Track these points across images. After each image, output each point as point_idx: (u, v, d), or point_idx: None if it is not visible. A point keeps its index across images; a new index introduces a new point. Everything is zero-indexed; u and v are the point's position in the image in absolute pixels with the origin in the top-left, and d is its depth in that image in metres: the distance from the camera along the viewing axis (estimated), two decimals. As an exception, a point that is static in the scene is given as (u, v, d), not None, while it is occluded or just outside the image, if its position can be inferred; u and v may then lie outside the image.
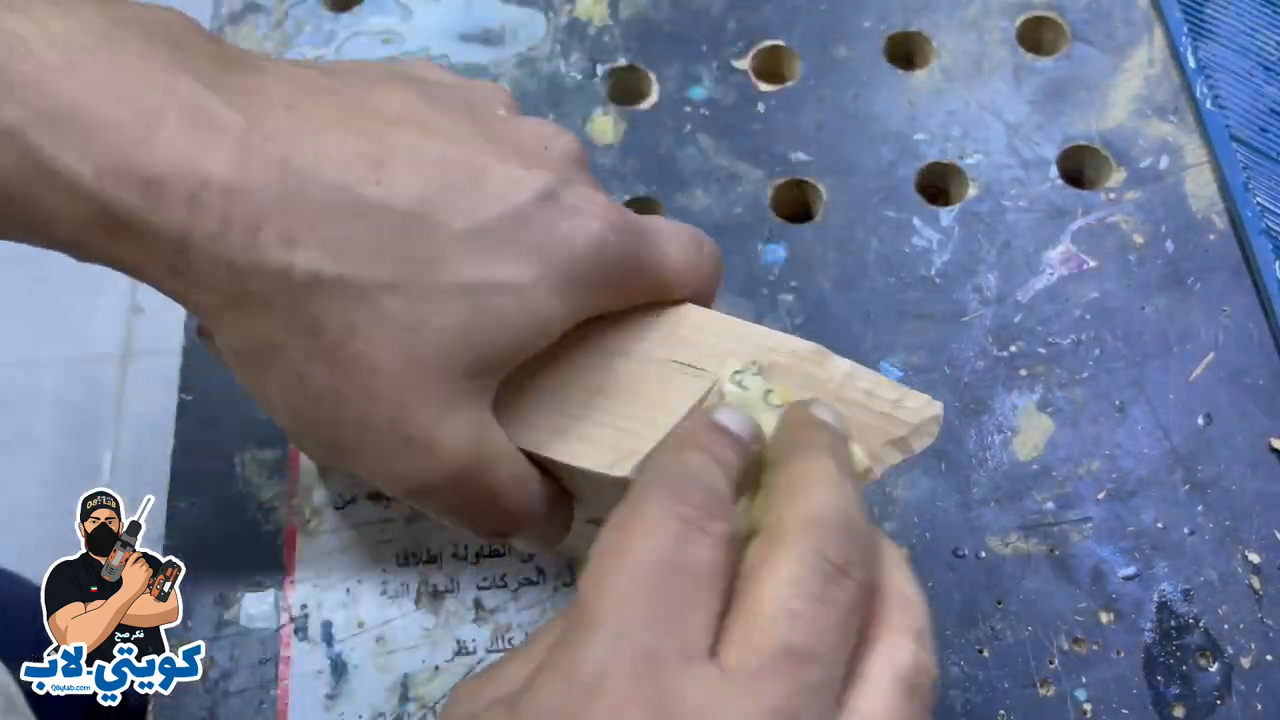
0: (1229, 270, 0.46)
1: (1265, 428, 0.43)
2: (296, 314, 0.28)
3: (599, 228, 0.30)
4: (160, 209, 0.27)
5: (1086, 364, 0.45)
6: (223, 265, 0.27)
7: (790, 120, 0.50)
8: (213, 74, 0.28)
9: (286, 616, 0.41)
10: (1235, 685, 0.39)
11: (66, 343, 1.25)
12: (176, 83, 0.27)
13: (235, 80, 0.28)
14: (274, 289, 0.28)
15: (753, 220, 0.48)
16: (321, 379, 0.29)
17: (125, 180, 0.26)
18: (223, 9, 0.53)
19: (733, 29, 0.52)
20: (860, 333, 0.45)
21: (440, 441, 0.29)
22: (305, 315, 0.28)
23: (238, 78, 0.28)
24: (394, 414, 0.29)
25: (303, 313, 0.28)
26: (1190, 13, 0.51)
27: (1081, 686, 0.39)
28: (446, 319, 0.29)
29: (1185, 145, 0.49)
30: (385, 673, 0.40)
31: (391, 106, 0.30)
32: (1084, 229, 0.47)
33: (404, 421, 0.29)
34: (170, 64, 0.27)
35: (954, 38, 0.52)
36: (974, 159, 0.49)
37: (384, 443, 0.29)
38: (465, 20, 0.53)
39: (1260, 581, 0.41)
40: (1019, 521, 0.42)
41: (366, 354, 0.28)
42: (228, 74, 0.28)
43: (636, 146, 0.49)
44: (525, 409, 0.33)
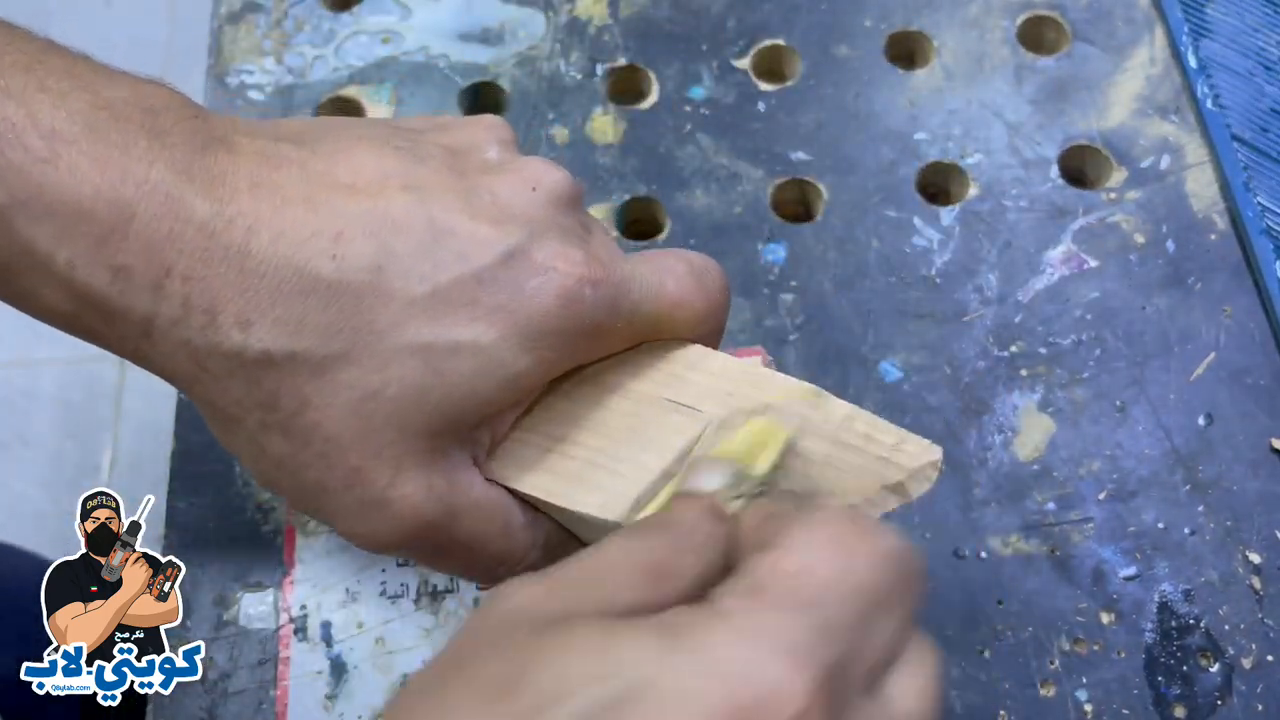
0: (1230, 270, 0.46)
1: (1266, 428, 0.43)
2: (251, 390, 0.29)
3: (571, 285, 0.30)
4: (126, 295, 0.29)
5: (1087, 364, 0.45)
6: (182, 347, 0.29)
7: (790, 120, 0.50)
8: (187, 159, 0.29)
9: (286, 617, 0.41)
10: (1236, 686, 0.39)
11: (66, 343, 1.24)
12: (150, 172, 0.29)
13: (206, 163, 0.29)
14: (230, 368, 0.29)
15: (753, 220, 0.48)
16: (279, 448, 0.30)
17: (96, 268, 0.28)
18: (222, 8, 0.53)
19: (733, 28, 0.52)
20: (860, 333, 0.45)
21: (397, 501, 0.30)
22: (260, 391, 0.29)
23: (210, 159, 0.30)
24: (349, 479, 0.30)
25: (257, 389, 0.29)
26: (1191, 12, 0.51)
27: (1082, 687, 0.39)
28: (402, 384, 0.29)
29: (1186, 145, 0.49)
30: (385, 673, 0.40)
31: (360, 171, 0.31)
32: (1085, 229, 0.47)
33: (360, 485, 0.30)
34: (147, 152, 0.29)
35: (955, 37, 0.52)
36: (975, 158, 0.49)
37: (344, 504, 0.30)
38: (465, 20, 0.53)
39: (1261, 582, 0.41)
40: (1020, 522, 0.42)
41: (321, 424, 0.29)
42: (202, 156, 0.30)
43: (636, 146, 0.49)
44: (516, 449, 0.32)
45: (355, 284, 0.29)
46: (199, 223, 0.29)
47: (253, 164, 0.30)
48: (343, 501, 0.30)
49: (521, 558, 0.32)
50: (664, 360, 0.33)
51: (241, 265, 0.29)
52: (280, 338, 0.29)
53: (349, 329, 0.29)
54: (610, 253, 0.32)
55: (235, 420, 0.30)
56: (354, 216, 0.30)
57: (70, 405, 1.23)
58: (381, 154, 0.31)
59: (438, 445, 0.30)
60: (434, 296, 0.29)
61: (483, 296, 0.30)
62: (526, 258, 0.30)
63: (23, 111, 0.28)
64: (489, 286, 0.30)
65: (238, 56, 0.52)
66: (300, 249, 0.29)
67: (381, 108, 0.50)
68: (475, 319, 0.30)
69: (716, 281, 0.34)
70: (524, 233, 0.31)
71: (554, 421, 0.33)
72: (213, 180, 0.29)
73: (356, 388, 0.29)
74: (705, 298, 0.33)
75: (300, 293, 0.29)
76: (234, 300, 0.29)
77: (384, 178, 0.30)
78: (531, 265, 0.30)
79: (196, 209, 0.29)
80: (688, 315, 0.33)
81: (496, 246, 0.30)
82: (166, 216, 0.29)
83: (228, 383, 0.29)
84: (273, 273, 0.29)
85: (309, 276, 0.29)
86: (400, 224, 0.30)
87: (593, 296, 0.31)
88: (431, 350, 0.29)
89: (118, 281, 0.29)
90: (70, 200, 0.28)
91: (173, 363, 0.30)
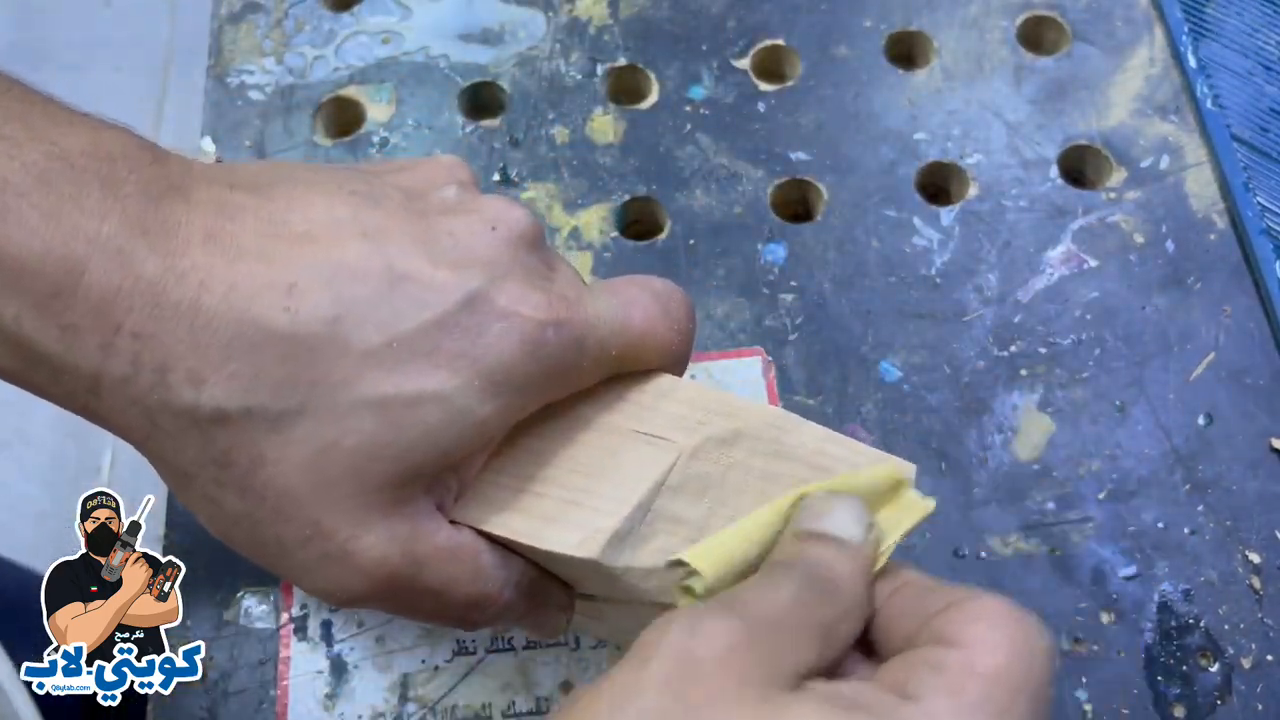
0: (1229, 270, 0.46)
1: (1266, 428, 0.43)
2: (205, 448, 0.29)
3: (533, 330, 0.30)
4: (73, 353, 0.28)
5: (1087, 364, 0.45)
6: (133, 405, 0.29)
7: (790, 120, 0.50)
8: (141, 210, 0.28)
9: (286, 616, 0.41)
10: (1236, 685, 0.39)
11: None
12: (103, 227, 0.28)
13: (161, 215, 0.29)
14: (182, 426, 0.29)
15: (753, 220, 0.48)
16: (235, 505, 0.30)
17: (43, 325, 0.28)
18: (222, 8, 0.53)
19: (733, 28, 0.52)
20: (860, 333, 0.45)
21: (357, 555, 0.30)
22: (214, 449, 0.29)
23: (165, 210, 0.29)
24: (308, 533, 0.29)
25: (211, 446, 0.29)
26: (1191, 12, 0.51)
27: (1082, 686, 0.39)
28: (359, 437, 0.29)
29: (1186, 145, 0.49)
30: (385, 672, 0.40)
31: (315, 218, 0.30)
32: (1084, 229, 0.47)
33: (319, 539, 0.29)
34: (100, 204, 0.28)
35: (954, 37, 0.52)
36: (974, 158, 0.49)
37: (304, 560, 0.30)
38: (465, 20, 0.53)
39: (1261, 581, 0.41)
40: (1020, 522, 0.42)
41: (275, 480, 0.29)
42: (156, 208, 0.29)
43: (636, 146, 0.49)
44: (486, 491, 0.32)
45: (310, 337, 0.28)
46: (150, 279, 0.28)
47: (207, 214, 0.29)
48: (303, 557, 0.30)
49: (496, 599, 0.32)
50: (633, 391, 0.33)
51: (193, 321, 0.28)
52: (234, 394, 0.28)
53: (305, 383, 0.28)
54: (575, 291, 0.31)
55: (189, 477, 0.30)
56: (308, 267, 0.29)
57: (70, 405, 1.23)
58: (336, 199, 0.30)
59: (399, 495, 0.30)
60: (392, 346, 0.29)
61: (444, 344, 0.29)
62: (488, 302, 0.30)
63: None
64: (450, 333, 0.29)
65: (238, 56, 0.52)
66: (253, 302, 0.28)
67: (381, 108, 0.50)
68: (437, 367, 0.29)
69: (681, 309, 0.33)
70: (485, 276, 0.30)
71: (524, 460, 0.32)
72: (166, 233, 0.28)
73: (312, 442, 0.29)
74: (671, 326, 0.33)
75: (254, 347, 0.28)
76: (185, 357, 0.28)
77: (338, 224, 0.30)
78: (494, 310, 0.30)
79: (147, 264, 0.28)
80: (655, 345, 0.33)
81: (457, 292, 0.29)
82: (117, 273, 0.28)
83: (181, 440, 0.29)
84: (225, 328, 0.28)
85: (263, 330, 0.28)
86: (357, 272, 0.29)
87: (556, 339, 0.30)
88: (390, 403, 0.29)
89: (65, 339, 0.28)
90: (17, 256, 0.27)
91: (124, 419, 0.29)
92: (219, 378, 0.28)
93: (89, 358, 0.28)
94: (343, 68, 0.51)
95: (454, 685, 0.39)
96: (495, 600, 0.32)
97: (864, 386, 0.44)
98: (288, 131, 0.50)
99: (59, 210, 0.28)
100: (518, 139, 0.50)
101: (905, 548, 0.41)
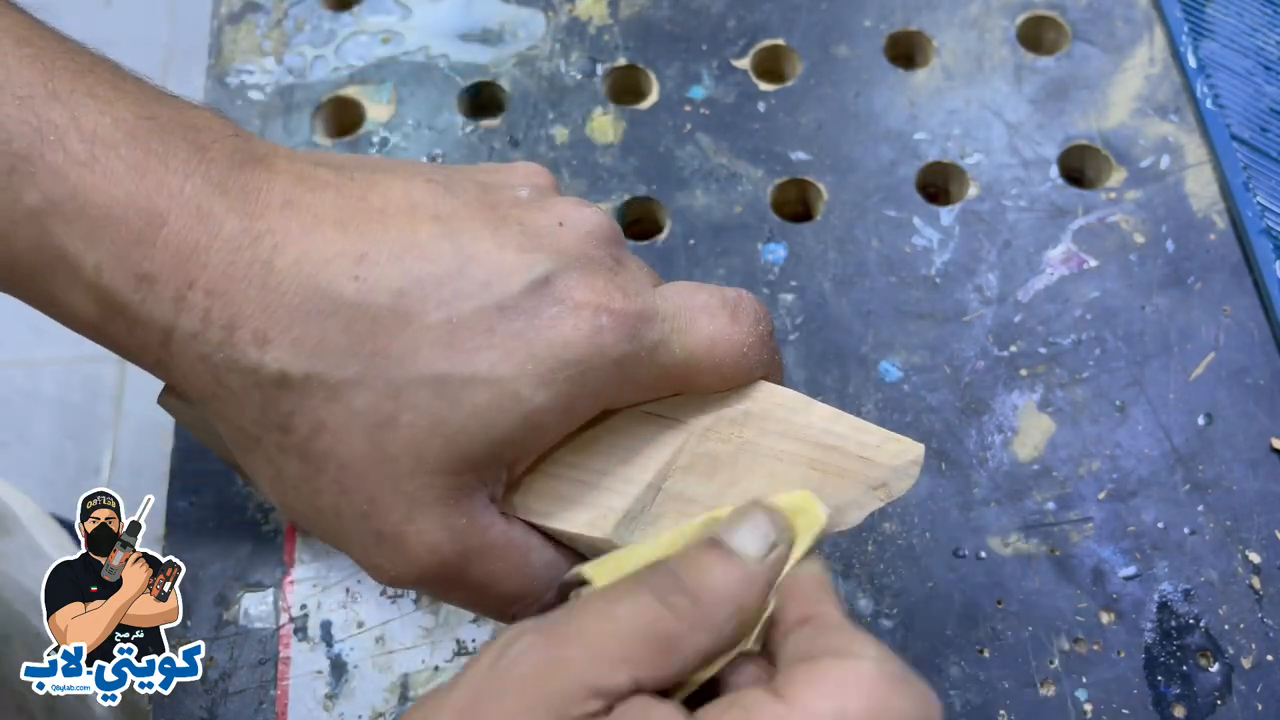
0: (1229, 270, 0.46)
1: (1266, 428, 0.43)
2: (267, 410, 0.29)
3: (588, 313, 0.29)
4: (149, 304, 0.29)
5: (1087, 364, 0.45)
6: (201, 361, 0.29)
7: (790, 120, 0.50)
8: (223, 173, 0.29)
9: (286, 617, 0.41)
10: (1236, 685, 0.39)
11: (67, 343, 1.25)
12: (185, 184, 0.29)
13: (243, 179, 0.30)
14: (247, 386, 0.29)
15: (753, 220, 0.48)
16: (295, 471, 0.30)
17: (122, 274, 0.29)
18: (222, 8, 0.53)
19: (733, 28, 0.52)
20: (860, 332, 0.45)
21: (411, 540, 0.30)
22: (276, 412, 0.29)
23: (247, 175, 0.30)
24: (365, 508, 0.30)
25: (273, 409, 0.29)
26: (1190, 12, 0.51)
27: (1082, 686, 0.39)
28: (416, 414, 0.29)
29: (1186, 145, 0.49)
30: (385, 673, 0.40)
31: (391, 198, 0.31)
32: (1084, 228, 0.47)
33: (375, 517, 0.30)
34: (184, 164, 0.29)
35: (954, 37, 0.52)
36: (974, 158, 0.49)
37: (359, 534, 0.30)
38: (465, 20, 0.53)
39: (1261, 581, 0.41)
40: (1019, 521, 0.42)
41: (335, 449, 0.29)
42: (239, 172, 0.30)
43: (636, 146, 0.49)
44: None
45: (375, 307, 0.29)
46: (226, 237, 0.29)
47: (288, 183, 0.30)
48: (358, 531, 0.30)
49: (538, 597, 0.32)
50: None
51: (264, 282, 0.29)
52: (298, 358, 0.29)
53: (365, 353, 0.29)
54: (639, 286, 0.31)
55: (253, 440, 0.30)
56: (380, 240, 0.29)
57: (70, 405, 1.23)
58: (414, 184, 0.31)
59: (456, 483, 0.30)
60: (451, 324, 0.29)
61: (501, 326, 0.29)
62: (549, 287, 0.30)
63: (67, 114, 0.29)
64: (509, 317, 0.29)
65: (238, 56, 0.52)
66: (323, 269, 0.29)
67: (381, 107, 0.50)
68: (491, 348, 0.29)
69: (752, 313, 0.32)
70: (551, 263, 0.30)
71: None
72: (246, 195, 0.29)
73: (370, 414, 0.29)
74: (743, 330, 0.32)
75: (320, 313, 0.29)
76: (254, 317, 0.29)
77: (414, 205, 0.30)
78: (552, 295, 0.30)
79: (225, 223, 0.29)
80: (726, 350, 0.32)
81: (520, 277, 0.30)
82: (195, 229, 0.29)
83: (244, 401, 0.29)
84: (294, 291, 0.29)
85: (330, 297, 0.29)
86: (426, 250, 0.29)
87: (610, 324, 0.30)
88: (446, 381, 0.29)
89: (141, 289, 0.29)
90: (103, 204, 0.28)
91: (192, 376, 0.30)
92: (284, 340, 0.29)
93: (163, 310, 0.29)
94: (342, 67, 0.51)
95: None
96: (538, 599, 0.32)
97: (864, 386, 0.44)
98: (288, 131, 0.50)
99: (145, 164, 0.29)
100: (518, 139, 0.50)
101: (906, 548, 0.41)
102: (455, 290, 0.29)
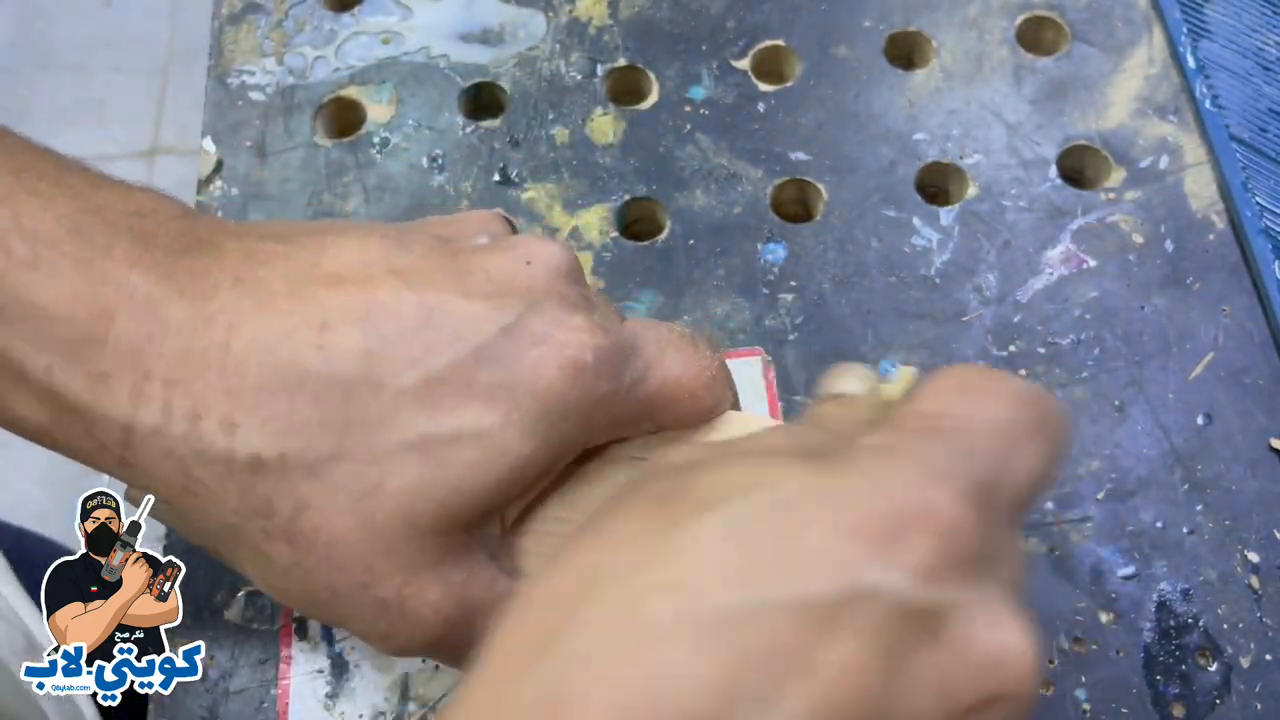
0: (1229, 270, 0.46)
1: (1265, 428, 0.43)
2: (245, 498, 0.28)
3: (571, 354, 0.28)
4: (104, 402, 0.28)
5: (1086, 364, 0.45)
6: (166, 457, 0.28)
7: (790, 120, 0.50)
8: (169, 261, 0.29)
9: (287, 616, 0.41)
10: (1235, 685, 0.39)
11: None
12: (131, 275, 0.28)
13: (189, 262, 0.29)
14: (219, 476, 0.28)
15: (753, 220, 0.48)
16: (284, 555, 0.29)
17: (73, 372, 0.28)
18: (222, 9, 0.53)
19: (733, 28, 0.52)
20: (860, 333, 0.45)
21: (414, 605, 0.29)
22: (254, 497, 0.28)
23: (192, 258, 0.29)
24: (363, 579, 0.29)
25: (251, 496, 0.28)
26: (1190, 12, 0.51)
27: (1081, 686, 0.39)
28: (403, 479, 0.28)
29: (1185, 145, 0.49)
30: (385, 672, 0.40)
31: (345, 261, 0.29)
32: (1084, 229, 0.47)
33: (374, 586, 0.29)
34: (129, 254, 0.28)
35: (954, 37, 0.52)
36: (974, 159, 0.49)
37: (359, 606, 0.29)
38: (465, 20, 0.53)
39: (1260, 581, 0.41)
40: (1019, 521, 0.42)
41: (323, 526, 0.28)
42: (185, 257, 0.29)
43: (636, 146, 0.49)
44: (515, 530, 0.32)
45: (344, 375, 0.28)
46: (178, 324, 0.28)
47: (236, 260, 0.29)
48: (357, 604, 0.29)
49: None
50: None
51: (223, 365, 0.27)
52: (269, 439, 0.27)
53: (340, 424, 0.28)
54: (611, 320, 0.31)
55: (234, 531, 0.29)
56: (339, 305, 0.28)
57: (70, 405, 1.23)
58: (367, 242, 0.30)
59: (451, 542, 0.29)
60: (428, 382, 0.28)
61: (480, 376, 0.28)
62: (524, 329, 0.29)
63: (8, 214, 0.28)
64: (486, 365, 0.28)
65: (238, 57, 0.52)
66: (284, 343, 0.28)
67: (382, 108, 0.50)
68: (474, 400, 0.28)
69: (706, 344, 0.33)
70: (521, 305, 0.29)
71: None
72: (194, 278, 0.28)
73: (354, 485, 0.28)
74: (705, 360, 0.32)
75: (287, 389, 0.28)
76: (218, 403, 0.27)
77: (369, 265, 0.29)
78: (530, 336, 0.29)
79: (176, 310, 0.28)
80: (696, 378, 0.31)
81: (492, 323, 0.29)
82: (146, 320, 0.28)
83: (219, 493, 0.28)
84: (256, 370, 0.28)
85: (295, 372, 0.28)
86: (389, 308, 0.28)
87: (594, 363, 0.29)
88: (430, 442, 0.28)
89: (95, 388, 0.28)
90: (49, 305, 0.27)
91: (160, 473, 0.29)
92: (253, 422, 0.27)
93: (120, 407, 0.28)
94: (343, 68, 0.51)
95: (455, 685, 0.39)
96: None
97: (863, 386, 0.44)
98: (288, 132, 0.50)
99: (90, 259, 0.28)
100: (518, 139, 0.50)
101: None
102: (426, 345, 0.28)
